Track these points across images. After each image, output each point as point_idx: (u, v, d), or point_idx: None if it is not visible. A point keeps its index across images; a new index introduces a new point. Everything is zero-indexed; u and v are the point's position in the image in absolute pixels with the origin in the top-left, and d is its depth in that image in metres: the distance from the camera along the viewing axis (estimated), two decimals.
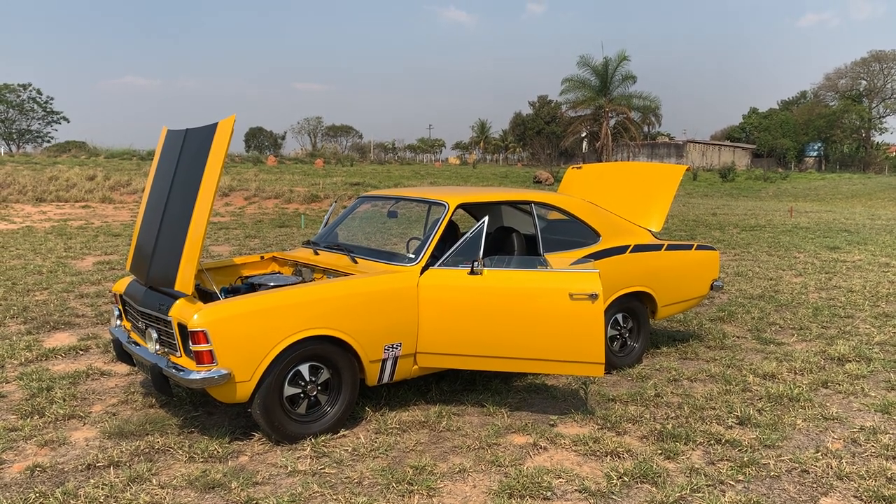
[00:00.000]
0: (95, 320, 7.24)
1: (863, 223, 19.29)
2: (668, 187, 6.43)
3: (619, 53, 46.46)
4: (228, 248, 12.80)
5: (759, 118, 78.08)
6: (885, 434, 4.44)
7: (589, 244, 5.69)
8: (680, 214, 21.72)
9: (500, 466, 3.98)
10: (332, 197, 22.53)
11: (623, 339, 5.86)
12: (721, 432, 4.42)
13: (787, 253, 12.82)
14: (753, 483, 3.81)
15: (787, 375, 5.61)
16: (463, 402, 4.99)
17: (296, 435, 4.26)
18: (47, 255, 11.42)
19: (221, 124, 4.24)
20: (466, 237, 4.82)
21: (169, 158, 4.71)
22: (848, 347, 6.33)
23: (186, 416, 4.69)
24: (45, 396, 4.99)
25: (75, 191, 21.50)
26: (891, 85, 72.06)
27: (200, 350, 3.93)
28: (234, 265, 5.52)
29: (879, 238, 15.23)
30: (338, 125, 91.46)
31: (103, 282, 9.22)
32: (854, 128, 72.03)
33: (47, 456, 4.08)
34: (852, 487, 3.76)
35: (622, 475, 3.85)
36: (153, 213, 4.67)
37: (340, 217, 6.09)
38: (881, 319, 7.54)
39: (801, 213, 23.46)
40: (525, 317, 4.51)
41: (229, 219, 18.12)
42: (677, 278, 6.12)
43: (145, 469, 3.87)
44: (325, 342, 4.30)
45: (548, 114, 74.45)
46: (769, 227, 17.78)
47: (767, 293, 8.95)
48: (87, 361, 5.85)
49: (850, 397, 5.15)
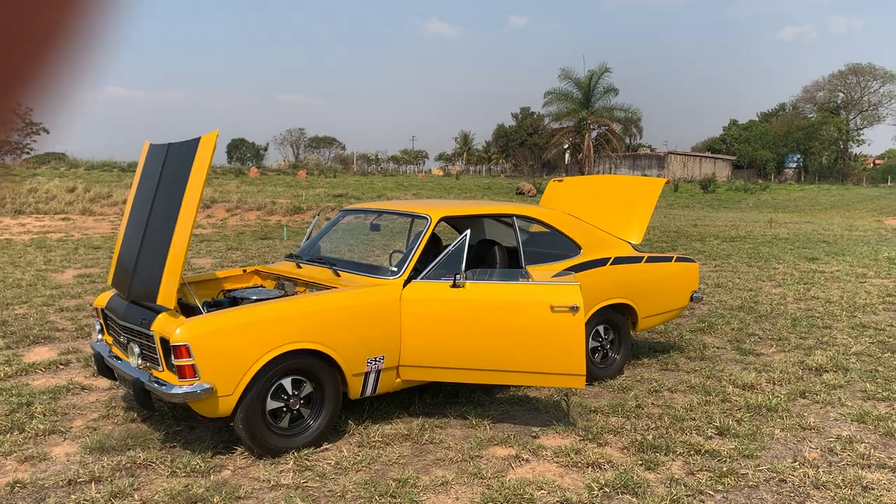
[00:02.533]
0: (76, 334, 7.20)
1: (841, 234, 19.55)
2: (648, 200, 6.52)
3: (600, 66, 46.72)
4: (210, 260, 12.75)
5: (739, 130, 78.91)
6: (860, 443, 4.50)
7: (570, 257, 5.74)
8: (661, 225, 21.90)
9: (483, 479, 4.00)
10: (314, 209, 22.51)
11: (604, 350, 5.91)
12: (700, 443, 4.47)
13: (766, 264, 12.96)
14: (732, 493, 3.85)
15: (766, 386, 5.68)
16: (446, 414, 5.01)
17: (278, 449, 4.26)
18: (26, 269, 11.32)
19: (204, 139, 4.26)
20: (449, 250, 4.86)
21: (151, 173, 4.71)
22: (825, 358, 6.42)
23: (168, 430, 4.67)
24: (24, 412, 4.95)
25: (55, 203, 21.32)
26: (867, 97, 73.11)
27: (183, 364, 3.93)
28: (217, 279, 5.51)
29: (857, 249, 15.44)
30: (321, 136, 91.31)
31: (84, 295, 9.15)
32: (832, 140, 72.98)
33: (27, 472, 4.05)
34: (829, 496, 3.82)
35: (603, 486, 3.88)
36: (135, 227, 4.66)
37: (323, 230, 6.11)
38: (858, 330, 7.65)
39: (780, 224, 23.73)
40: (507, 329, 4.55)
41: (211, 231, 18.05)
42: (657, 290, 6.19)
43: (127, 484, 3.85)
44: (307, 356, 4.31)
45: (530, 125, 74.81)
46: (749, 238, 17.97)
47: (747, 304, 9.05)
48: (68, 376, 5.81)
49: (828, 407, 5.23)
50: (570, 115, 48.51)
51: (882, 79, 70.96)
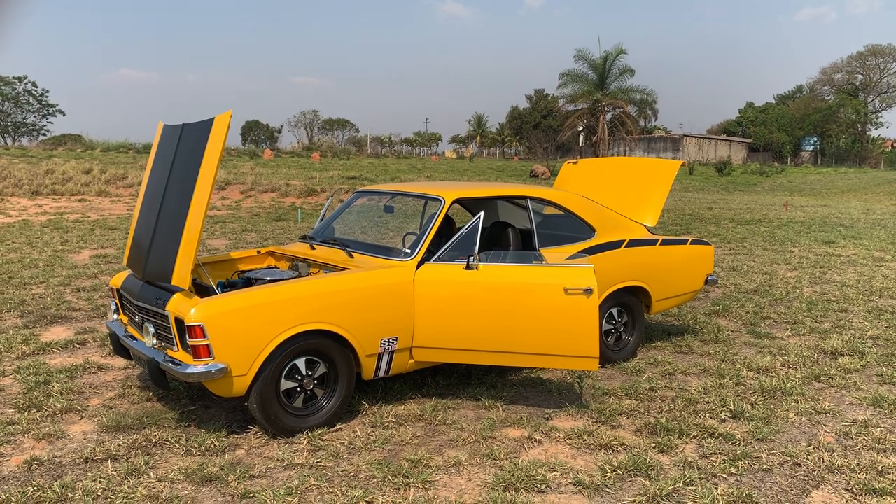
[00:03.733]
0: (92, 314, 7.26)
1: (858, 217, 19.36)
2: (663, 182, 6.46)
3: (616, 47, 46.35)
4: (225, 241, 12.81)
5: (755, 112, 78.12)
6: (876, 427, 4.48)
7: (584, 239, 5.72)
8: (676, 209, 21.76)
9: (496, 460, 4.01)
10: (328, 191, 22.52)
11: (618, 333, 5.90)
12: (714, 426, 4.46)
13: (781, 247, 12.86)
14: (746, 476, 3.85)
15: (781, 369, 5.65)
16: (458, 395, 5.02)
17: (292, 428, 4.29)
18: (44, 249, 11.42)
19: (218, 119, 4.25)
20: (462, 232, 4.84)
21: (165, 154, 4.72)
22: (841, 342, 6.38)
23: (183, 409, 4.71)
24: (42, 390, 5.01)
25: (71, 184, 21.47)
26: (887, 79, 72.20)
27: (197, 344, 3.96)
28: (231, 260, 5.53)
29: (874, 232, 15.28)
30: (334, 119, 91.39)
31: (100, 275, 9.22)
32: (850, 122, 72.12)
33: (45, 449, 4.11)
34: (843, 480, 3.80)
35: (616, 468, 3.88)
36: (150, 207, 4.68)
37: (337, 211, 6.11)
38: (874, 314, 7.59)
39: (796, 207, 23.52)
40: (520, 311, 4.54)
41: (226, 212, 18.11)
42: (672, 273, 6.15)
43: (142, 462, 3.89)
44: (321, 337, 4.33)
45: (544, 108, 74.43)
46: (764, 221, 17.82)
47: (762, 287, 8.99)
48: (85, 355, 5.87)
49: (843, 391, 5.19)
50: (584, 97, 48.17)
51: None
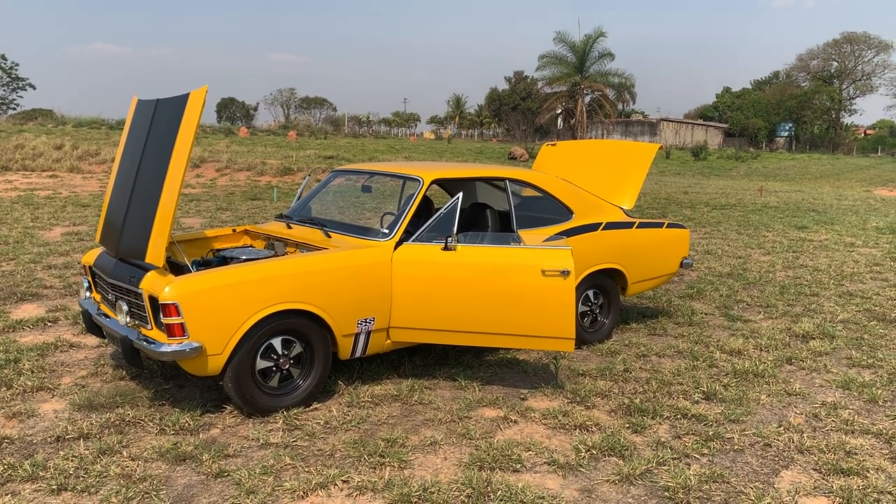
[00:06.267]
0: (64, 292, 7.16)
1: (830, 203, 19.61)
2: (640, 166, 6.48)
3: (595, 30, 46.41)
4: (200, 220, 12.67)
5: (732, 97, 78.65)
6: (845, 409, 4.56)
7: (562, 221, 5.73)
8: (652, 192, 21.89)
9: (471, 439, 4.03)
10: (305, 170, 22.34)
11: (594, 314, 5.93)
12: (687, 407, 4.51)
13: (756, 232, 13.00)
14: (718, 457, 3.90)
15: (753, 352, 5.73)
16: (435, 376, 5.03)
17: (268, 408, 4.27)
18: (13, 226, 11.22)
19: (193, 95, 4.18)
20: (440, 213, 4.83)
21: (139, 129, 4.64)
22: (812, 325, 6.47)
23: (157, 388, 4.67)
24: (12, 368, 4.93)
25: (42, 160, 21.06)
26: (861, 67, 72.89)
27: (171, 323, 3.91)
28: (206, 238, 5.47)
29: (846, 218, 15.50)
30: (311, 97, 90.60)
31: (72, 253, 9.09)
32: (824, 109, 72.88)
33: (15, 428, 4.05)
34: (812, 461, 3.87)
35: (590, 448, 3.92)
36: (123, 184, 4.60)
37: (314, 191, 6.06)
38: (845, 298, 7.71)
39: (770, 192, 23.77)
40: (498, 293, 4.55)
41: (200, 190, 17.90)
42: (648, 256, 6.19)
43: (116, 441, 3.86)
44: (297, 316, 4.30)
45: (524, 90, 74.25)
46: (739, 205, 18.00)
47: (736, 271, 9.09)
48: (56, 333, 5.79)
49: (813, 373, 5.28)
50: (563, 80, 48.15)
51: (877, 48, 70.77)
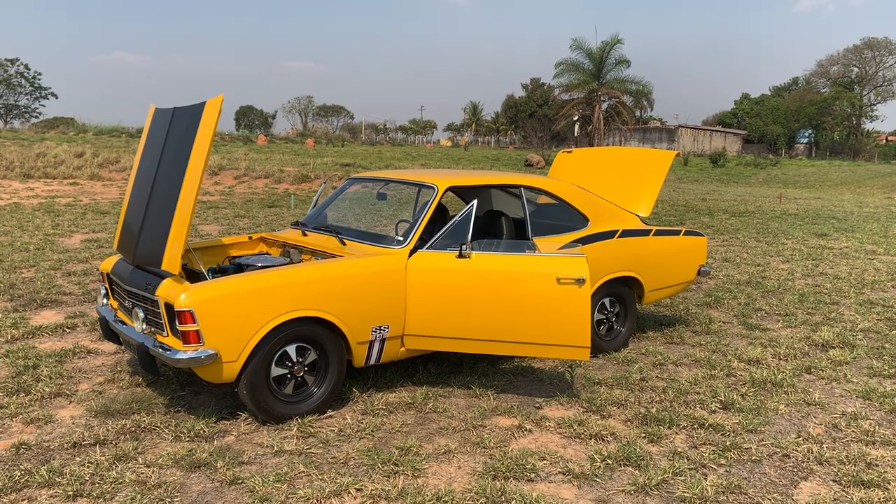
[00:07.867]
0: (83, 298, 7.22)
1: (851, 210, 19.40)
2: (657, 173, 6.44)
3: (612, 36, 46.09)
4: (217, 227, 12.75)
5: (750, 104, 78.15)
6: (865, 420, 4.49)
7: (577, 229, 5.70)
8: (670, 199, 21.77)
9: (485, 448, 4.01)
10: (322, 177, 22.44)
11: (609, 323, 5.89)
12: (704, 416, 4.46)
13: (775, 239, 12.88)
14: (735, 467, 3.85)
15: (772, 361, 5.67)
16: (449, 384, 5.02)
17: (282, 415, 4.28)
18: (34, 233, 11.35)
19: (209, 103, 4.21)
20: (455, 220, 4.82)
21: (157, 137, 4.68)
22: (832, 334, 6.39)
23: (173, 395, 4.70)
24: (31, 374, 4.98)
25: (63, 167, 21.31)
26: (882, 73, 72.29)
27: (187, 330, 3.93)
28: (222, 245, 5.50)
29: (866, 226, 15.32)
30: (329, 105, 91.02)
31: (91, 260, 9.17)
32: (845, 115, 72.22)
33: (33, 434, 4.08)
34: (832, 472, 3.81)
35: (606, 458, 3.88)
36: (141, 191, 4.64)
37: (330, 198, 6.07)
38: (866, 306, 7.61)
39: (790, 199, 23.56)
40: (512, 300, 4.53)
41: (219, 198, 18.03)
42: (665, 264, 6.15)
43: (131, 448, 3.88)
44: (312, 323, 4.31)
45: (540, 97, 74.21)
46: (758, 213, 17.85)
47: (754, 279, 9.00)
48: (74, 339, 5.83)
49: (833, 383, 5.21)
50: (580, 87, 47.99)
51: None
